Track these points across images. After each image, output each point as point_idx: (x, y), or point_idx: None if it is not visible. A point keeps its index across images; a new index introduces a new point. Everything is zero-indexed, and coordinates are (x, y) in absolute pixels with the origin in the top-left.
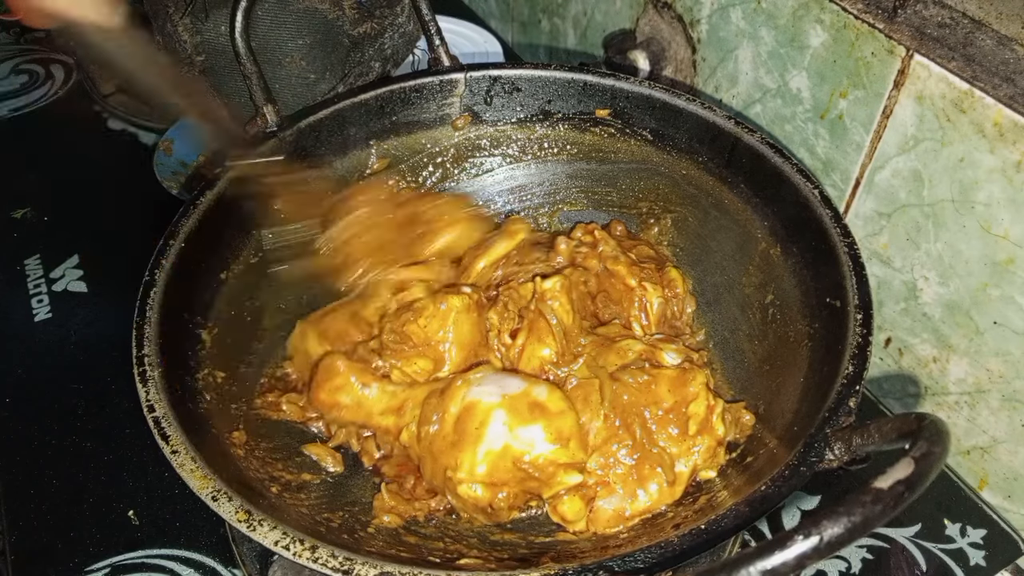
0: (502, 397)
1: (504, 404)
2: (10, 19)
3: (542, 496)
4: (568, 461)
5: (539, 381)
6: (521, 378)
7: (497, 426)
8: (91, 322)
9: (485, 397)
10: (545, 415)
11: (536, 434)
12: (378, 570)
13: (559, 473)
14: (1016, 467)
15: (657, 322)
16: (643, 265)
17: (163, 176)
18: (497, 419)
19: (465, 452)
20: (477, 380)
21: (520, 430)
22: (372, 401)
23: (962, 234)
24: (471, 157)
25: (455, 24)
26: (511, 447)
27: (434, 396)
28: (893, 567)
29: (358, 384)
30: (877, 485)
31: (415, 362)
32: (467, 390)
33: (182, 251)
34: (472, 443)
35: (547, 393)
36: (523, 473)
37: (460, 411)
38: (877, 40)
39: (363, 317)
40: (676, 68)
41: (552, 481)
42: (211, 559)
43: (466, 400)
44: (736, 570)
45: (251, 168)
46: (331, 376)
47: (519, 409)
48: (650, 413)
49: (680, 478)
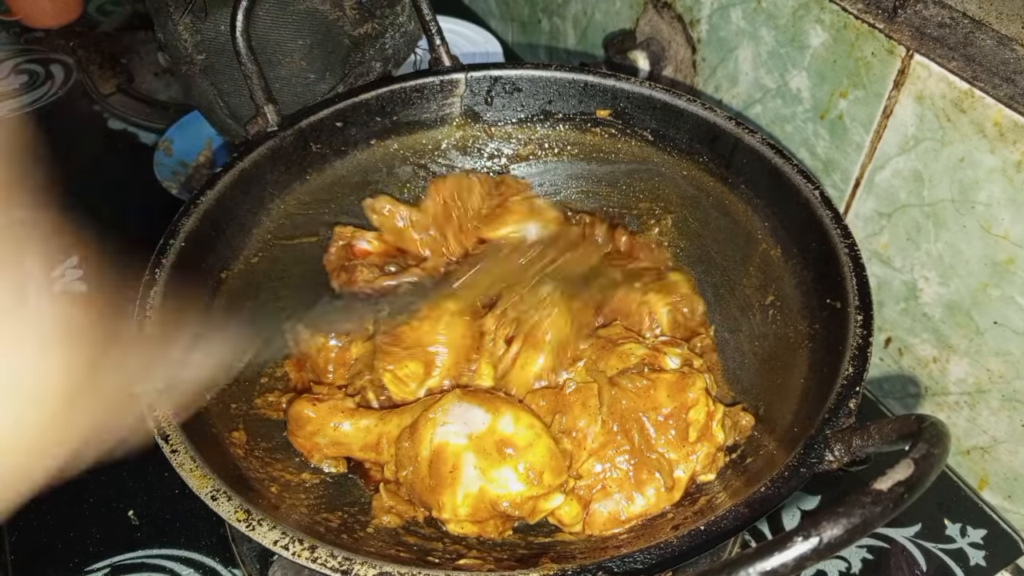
0: (468, 438)
1: (472, 446)
2: (10, 19)
3: (529, 522)
4: (544, 492)
5: (502, 407)
6: (484, 408)
7: (470, 470)
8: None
9: (452, 439)
10: (514, 454)
11: (508, 475)
12: (377, 570)
13: (539, 503)
14: (1016, 467)
15: (670, 329)
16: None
17: (163, 176)
18: (468, 462)
19: (445, 495)
20: (442, 418)
21: (493, 472)
22: (349, 437)
23: (962, 234)
24: (472, 157)
25: (455, 24)
26: (487, 490)
27: (405, 437)
28: (893, 567)
29: (331, 424)
30: (877, 486)
31: (406, 365)
32: (433, 432)
33: (182, 250)
34: (450, 486)
35: (513, 424)
36: (504, 510)
37: (431, 455)
38: (877, 40)
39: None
40: (676, 68)
41: (534, 512)
42: (211, 559)
43: (434, 443)
44: (735, 571)
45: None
46: (302, 424)
47: (487, 450)
48: (649, 419)
49: (679, 483)
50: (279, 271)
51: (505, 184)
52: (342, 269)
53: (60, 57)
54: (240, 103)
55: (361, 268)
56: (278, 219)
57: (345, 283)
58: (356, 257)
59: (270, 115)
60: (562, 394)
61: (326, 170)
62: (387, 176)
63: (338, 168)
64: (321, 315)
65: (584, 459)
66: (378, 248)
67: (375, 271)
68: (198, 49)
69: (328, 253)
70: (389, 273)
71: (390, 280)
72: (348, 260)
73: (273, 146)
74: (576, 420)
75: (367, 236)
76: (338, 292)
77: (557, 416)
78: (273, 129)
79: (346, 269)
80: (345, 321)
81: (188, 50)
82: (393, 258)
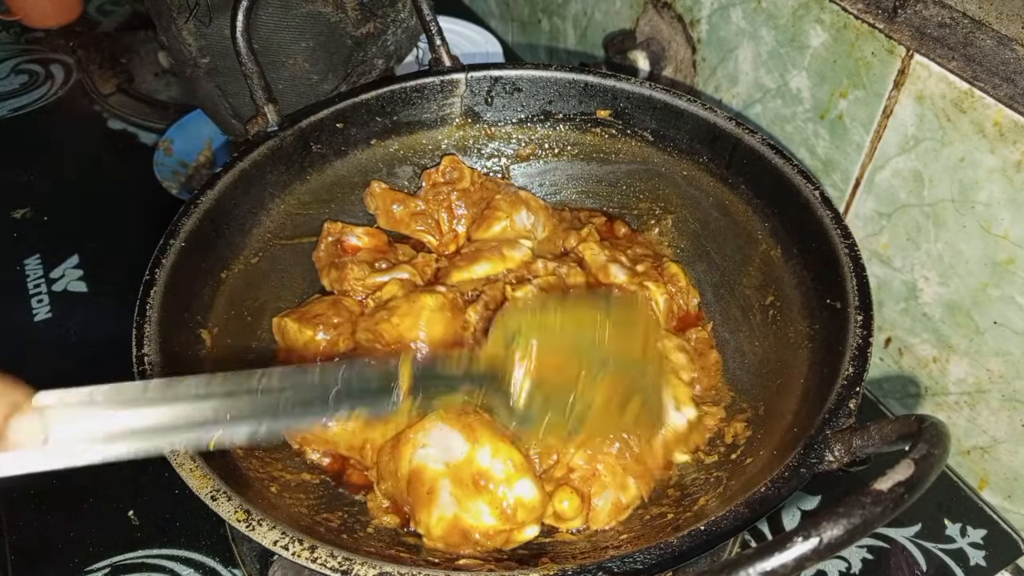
0: (446, 465)
1: (448, 474)
2: (10, 19)
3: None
4: (517, 526)
5: (482, 437)
6: (464, 436)
7: (445, 495)
8: (91, 322)
9: (430, 463)
10: (490, 488)
11: (482, 507)
12: (377, 570)
13: (512, 535)
14: (1016, 467)
15: (665, 318)
16: (641, 262)
17: (163, 176)
18: (444, 488)
19: (421, 513)
20: (422, 439)
21: (468, 503)
22: (336, 437)
23: (962, 234)
24: (472, 157)
25: (455, 24)
26: (461, 517)
27: (387, 451)
28: (893, 567)
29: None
30: (877, 487)
31: None
32: (413, 453)
33: (182, 250)
34: (425, 506)
35: (490, 456)
36: (477, 540)
37: (409, 474)
38: (877, 40)
39: (344, 305)
40: (676, 68)
41: (508, 542)
42: (211, 559)
43: (413, 463)
44: (735, 571)
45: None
46: None
47: (463, 481)
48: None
49: (656, 454)
50: (279, 271)
51: (485, 188)
52: (332, 266)
53: (60, 57)
54: (244, 103)
55: (351, 265)
56: (278, 219)
57: (335, 280)
58: (346, 253)
59: (270, 115)
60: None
61: (326, 170)
62: (387, 176)
63: (338, 168)
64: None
65: (573, 453)
66: (368, 244)
67: (365, 268)
68: (202, 53)
69: (318, 249)
70: (379, 270)
71: (380, 276)
72: (338, 257)
73: (273, 146)
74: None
75: (357, 232)
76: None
77: None
78: (273, 129)
79: (336, 266)
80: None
81: (192, 54)
82: (383, 254)
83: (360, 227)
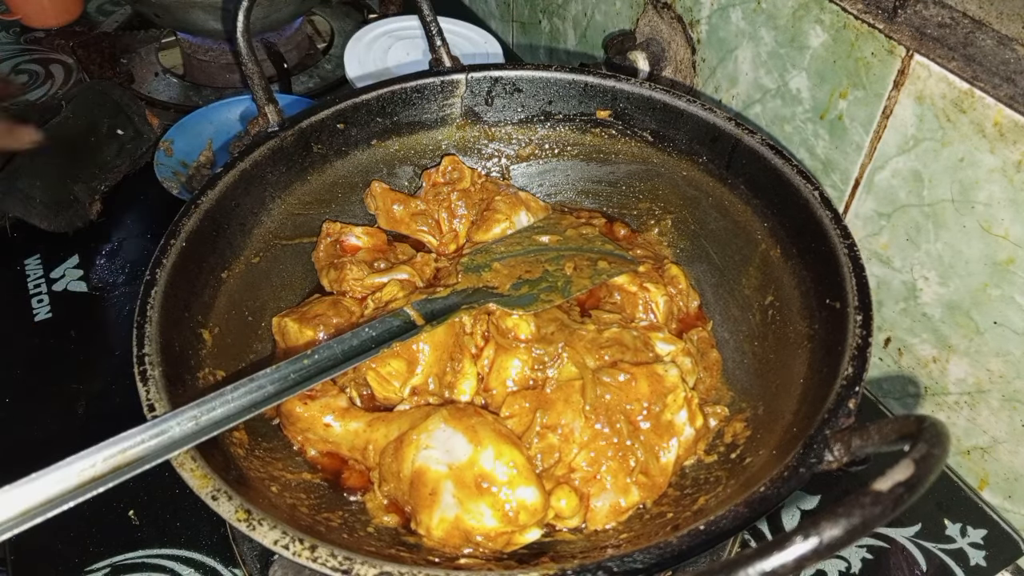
0: (449, 467)
1: (451, 476)
2: (10, 19)
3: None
4: (519, 528)
5: (485, 439)
6: (467, 438)
7: (447, 497)
8: (91, 322)
9: (433, 464)
10: (492, 490)
11: (484, 509)
12: (377, 570)
13: (513, 537)
14: (1016, 467)
15: (665, 320)
16: (641, 263)
17: (163, 176)
18: (447, 490)
19: (422, 513)
20: (425, 441)
21: (470, 504)
22: (339, 438)
23: (962, 234)
24: (472, 157)
25: (455, 25)
26: (463, 519)
27: (389, 452)
28: (893, 567)
29: (321, 423)
30: (876, 487)
31: (389, 363)
32: (415, 454)
33: (183, 250)
34: (427, 507)
35: (493, 459)
36: (477, 542)
37: (411, 475)
38: (877, 40)
39: (344, 305)
40: (676, 69)
41: (509, 544)
42: (211, 559)
43: (415, 464)
44: (735, 571)
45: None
46: (293, 421)
47: (466, 483)
48: (633, 409)
49: (665, 468)
50: (280, 271)
51: (485, 188)
52: (331, 266)
53: (60, 57)
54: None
55: (350, 266)
56: (279, 219)
57: (334, 281)
58: (346, 253)
59: (271, 115)
60: (543, 393)
61: (327, 170)
62: (388, 176)
63: (339, 168)
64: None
65: (574, 453)
66: (367, 244)
67: (364, 268)
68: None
69: (317, 250)
70: (378, 270)
71: (379, 277)
72: (337, 257)
73: (274, 146)
74: (559, 416)
75: (356, 231)
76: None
77: (539, 413)
78: (274, 129)
79: (335, 266)
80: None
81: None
82: (383, 254)
83: (359, 227)
